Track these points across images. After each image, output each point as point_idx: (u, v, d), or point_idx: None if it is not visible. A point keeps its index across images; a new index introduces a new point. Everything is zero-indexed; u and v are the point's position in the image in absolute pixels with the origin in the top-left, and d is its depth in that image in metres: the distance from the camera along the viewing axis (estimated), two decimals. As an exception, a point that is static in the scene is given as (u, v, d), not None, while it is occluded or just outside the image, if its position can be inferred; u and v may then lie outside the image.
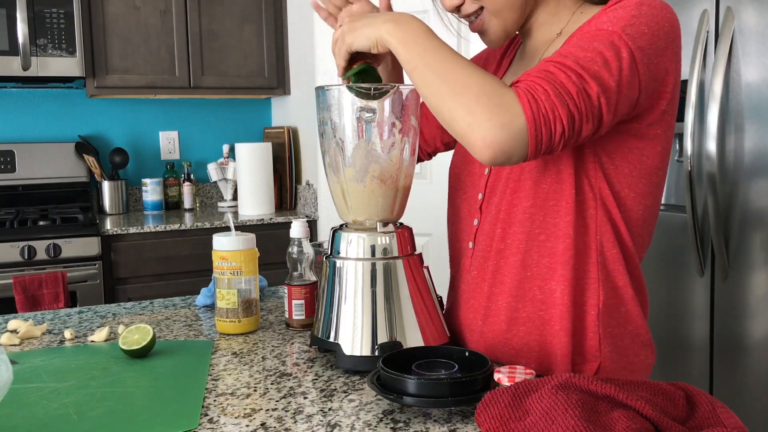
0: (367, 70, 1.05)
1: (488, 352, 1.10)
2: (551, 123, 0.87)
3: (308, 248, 1.30)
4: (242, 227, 2.96)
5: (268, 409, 0.92)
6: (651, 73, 0.94)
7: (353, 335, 1.04)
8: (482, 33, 1.08)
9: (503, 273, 1.07)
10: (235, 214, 3.21)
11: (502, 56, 1.24)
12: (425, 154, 1.38)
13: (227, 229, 2.81)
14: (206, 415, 0.91)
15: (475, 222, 1.13)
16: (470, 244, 1.13)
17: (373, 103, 1.05)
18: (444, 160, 1.39)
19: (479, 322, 1.11)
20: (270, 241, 2.80)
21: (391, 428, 0.85)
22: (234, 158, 3.47)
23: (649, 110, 0.98)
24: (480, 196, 1.12)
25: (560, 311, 1.03)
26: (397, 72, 1.23)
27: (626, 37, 0.92)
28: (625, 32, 0.92)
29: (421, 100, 1.11)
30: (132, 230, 2.83)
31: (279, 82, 3.35)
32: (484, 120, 0.87)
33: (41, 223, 2.80)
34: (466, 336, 1.14)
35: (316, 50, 2.98)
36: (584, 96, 0.88)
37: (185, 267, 2.93)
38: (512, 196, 1.05)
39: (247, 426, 0.87)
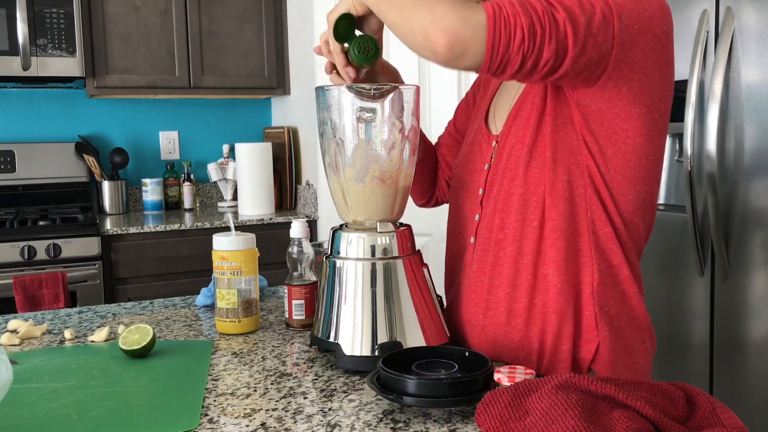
0: (348, 17, 1.05)
1: (489, 347, 1.10)
2: (512, 27, 0.89)
3: (308, 248, 1.30)
4: (242, 227, 2.96)
5: (268, 409, 0.92)
6: (628, 33, 0.94)
7: (353, 335, 1.04)
8: None
9: (502, 264, 1.08)
10: (235, 214, 3.21)
11: None
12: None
13: (227, 229, 2.81)
14: (206, 415, 0.91)
15: (477, 217, 1.14)
16: (472, 240, 1.14)
17: (373, 103, 1.05)
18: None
19: (480, 315, 1.11)
20: (270, 241, 2.80)
21: (391, 428, 0.85)
22: (234, 158, 3.47)
23: (628, 82, 0.97)
24: (480, 191, 1.13)
25: (555, 294, 1.04)
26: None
27: None
28: None
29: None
30: (132, 230, 2.83)
31: (279, 82, 3.34)
32: (445, 11, 0.90)
33: (41, 223, 2.80)
34: (467, 331, 1.14)
35: (316, 50, 2.97)
36: (550, 17, 0.90)
37: (185, 267, 2.93)
38: (509, 185, 1.07)
39: (247, 426, 0.87)
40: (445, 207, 1.41)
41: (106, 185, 3.22)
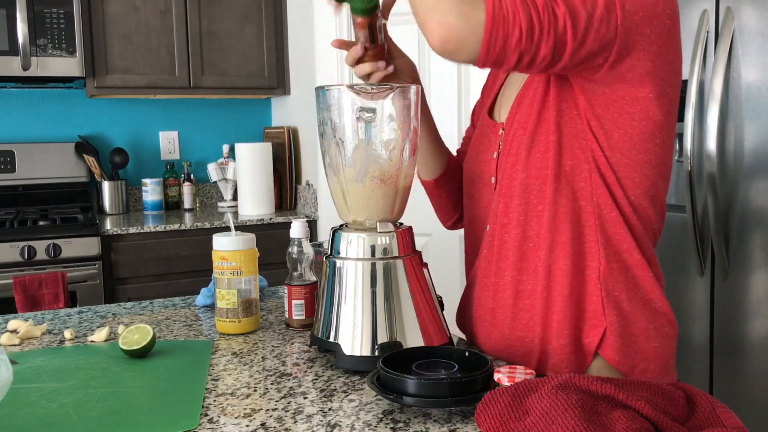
0: None
1: (498, 330, 1.10)
2: (510, 24, 0.89)
3: (308, 248, 1.30)
4: (242, 227, 2.96)
5: (268, 409, 0.92)
6: (632, 21, 0.94)
7: (353, 335, 1.04)
8: None
9: (507, 247, 1.08)
10: (235, 214, 3.21)
11: None
12: None
13: (227, 229, 2.81)
14: (206, 415, 0.91)
15: (492, 206, 1.13)
16: (487, 228, 1.14)
17: (373, 102, 1.05)
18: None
19: (490, 300, 1.12)
20: (270, 241, 2.80)
21: (391, 428, 0.85)
22: (234, 158, 3.47)
23: (632, 69, 0.97)
24: (493, 179, 1.14)
25: (559, 279, 1.03)
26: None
27: None
28: None
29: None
30: (132, 230, 2.83)
31: (279, 82, 3.34)
32: (447, 3, 0.89)
33: (41, 223, 2.80)
34: (479, 315, 1.14)
35: (316, 50, 2.98)
36: (550, 12, 0.90)
37: (185, 267, 2.93)
38: (511, 170, 1.07)
39: (247, 426, 0.87)
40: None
41: (106, 185, 3.22)
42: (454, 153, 1.37)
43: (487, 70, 1.40)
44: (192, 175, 3.43)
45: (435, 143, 1.30)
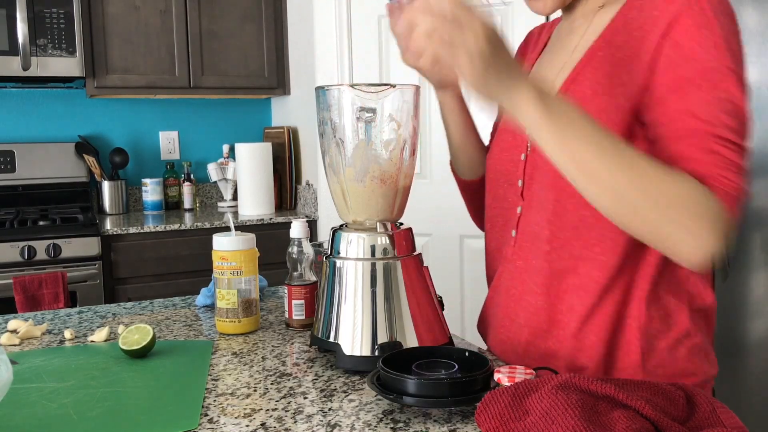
0: None
1: (522, 347, 1.06)
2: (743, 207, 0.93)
3: (308, 248, 1.30)
4: (242, 227, 2.96)
5: (268, 409, 0.92)
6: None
7: (353, 335, 1.04)
8: None
9: (541, 268, 1.03)
10: (235, 214, 3.21)
11: (536, 39, 1.21)
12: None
13: (227, 229, 2.81)
14: (206, 415, 0.91)
15: (519, 210, 1.08)
16: (513, 233, 1.09)
17: (374, 102, 1.05)
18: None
19: (520, 314, 1.07)
20: (270, 241, 2.80)
21: (391, 428, 0.85)
22: (234, 158, 3.47)
23: None
24: (520, 182, 1.08)
25: (599, 320, 0.99)
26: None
27: (735, 66, 0.97)
28: (733, 61, 0.97)
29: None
30: (132, 230, 2.83)
31: (279, 82, 3.35)
32: (704, 235, 0.87)
33: (41, 223, 2.80)
34: (503, 325, 1.10)
35: (316, 50, 2.98)
36: (747, 162, 0.95)
37: (185, 267, 2.93)
38: (559, 194, 1.00)
39: (247, 426, 0.87)
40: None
41: (106, 185, 3.22)
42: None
43: None
44: (192, 175, 3.43)
45: (478, 139, 1.23)
